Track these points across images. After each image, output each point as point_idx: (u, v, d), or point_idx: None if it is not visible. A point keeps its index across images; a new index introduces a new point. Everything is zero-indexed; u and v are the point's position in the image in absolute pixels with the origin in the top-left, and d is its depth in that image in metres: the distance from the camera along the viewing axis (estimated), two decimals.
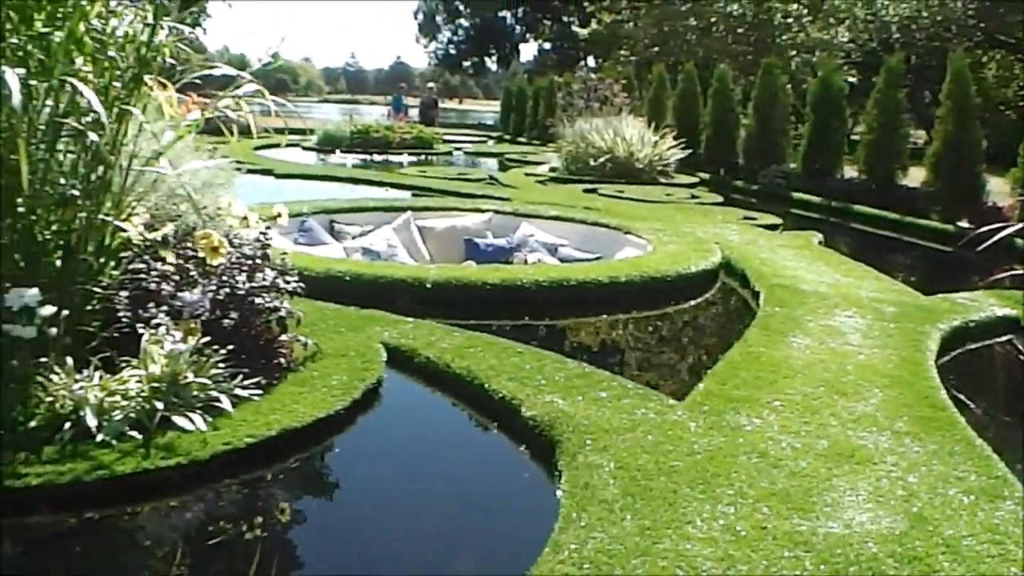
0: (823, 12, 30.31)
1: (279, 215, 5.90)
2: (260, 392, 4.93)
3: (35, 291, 4.39)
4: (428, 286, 7.54)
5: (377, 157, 22.99)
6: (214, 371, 4.83)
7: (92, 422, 4.34)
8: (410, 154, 23.72)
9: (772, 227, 12.59)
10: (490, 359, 5.67)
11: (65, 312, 4.60)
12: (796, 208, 16.28)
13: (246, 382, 4.91)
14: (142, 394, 4.57)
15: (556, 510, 4.01)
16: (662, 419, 4.86)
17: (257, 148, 18.45)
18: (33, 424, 4.33)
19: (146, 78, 5.10)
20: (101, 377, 4.64)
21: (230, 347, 4.95)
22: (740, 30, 31.36)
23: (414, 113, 32.33)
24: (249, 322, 5.26)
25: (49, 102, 4.75)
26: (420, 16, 77.24)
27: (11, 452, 4.17)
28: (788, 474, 4.28)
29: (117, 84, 4.98)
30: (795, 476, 4.26)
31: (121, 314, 5.03)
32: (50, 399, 4.41)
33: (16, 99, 3.89)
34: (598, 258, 9.89)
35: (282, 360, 5.31)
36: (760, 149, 19.24)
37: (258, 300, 5.28)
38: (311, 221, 10.03)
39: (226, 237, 5.47)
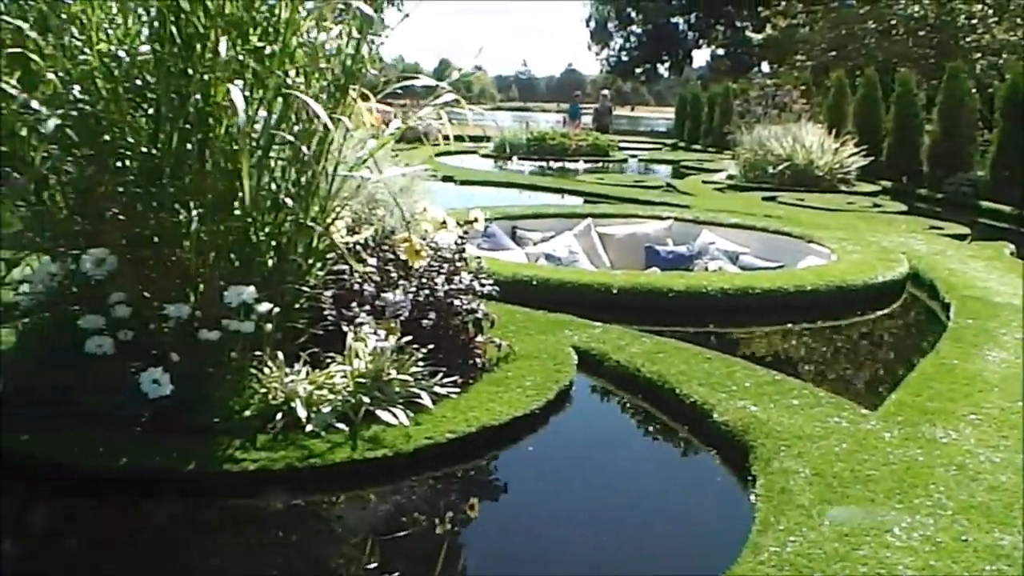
0: (1009, 12, 29.17)
1: (475, 220, 6.07)
2: (458, 390, 5.10)
3: (252, 289, 4.65)
4: (614, 291, 7.63)
5: (553, 164, 23.24)
6: (414, 369, 5.01)
7: (302, 413, 4.57)
8: (586, 161, 23.87)
9: (960, 237, 12.23)
10: (680, 364, 5.73)
11: (277, 309, 4.83)
12: (985, 217, 15.76)
13: (444, 380, 5.08)
14: (347, 389, 4.78)
15: (749, 513, 4.06)
16: (856, 428, 4.83)
17: (437, 155, 18.84)
18: (248, 413, 4.59)
19: (351, 89, 5.32)
20: (309, 372, 4.87)
21: (429, 346, 5.12)
22: (921, 33, 30.47)
23: (585, 120, 32.46)
24: (447, 323, 5.44)
25: (262, 112, 5.01)
26: (592, 23, 77.44)
27: (228, 439, 4.44)
28: (988, 488, 4.21)
29: (323, 95, 5.20)
30: (995, 490, 4.19)
31: (326, 312, 5.26)
32: (264, 391, 4.66)
33: (241, 117, 4.13)
34: (780, 267, 9.82)
35: (477, 360, 5.48)
36: (945, 156, 18.71)
37: (456, 302, 5.46)
38: (494, 227, 10.23)
39: (423, 240, 5.67)
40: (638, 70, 77.32)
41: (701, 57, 75.52)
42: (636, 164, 26.07)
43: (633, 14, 72.79)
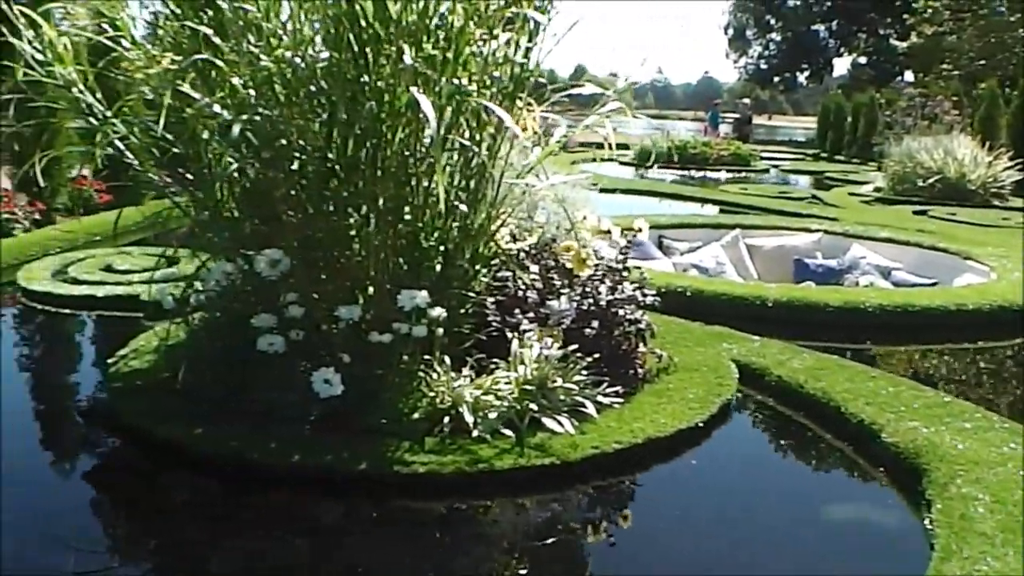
0: None
1: (639, 230, 6.04)
2: (621, 400, 5.07)
3: (424, 294, 4.69)
4: (768, 304, 7.52)
5: (695, 173, 23.06)
6: (577, 377, 5.00)
7: (469, 419, 4.60)
8: (728, 171, 23.62)
9: None
10: (844, 382, 5.60)
11: (444, 314, 4.87)
12: None
13: (607, 390, 5.06)
14: (512, 395, 4.79)
15: (923, 538, 3.95)
16: None
17: (573, 163, 18.81)
18: (416, 416, 4.63)
19: (519, 97, 5.33)
20: (474, 377, 4.90)
21: (594, 355, 5.11)
22: None
23: (723, 129, 32.09)
24: (609, 332, 5.41)
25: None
26: (730, 31, 76.58)
27: (396, 440, 4.49)
28: None
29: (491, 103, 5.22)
30: None
31: (490, 319, 5.28)
32: (432, 395, 4.70)
33: (433, 126, 4.16)
34: (935, 284, 9.55)
35: (638, 371, 5.44)
36: None
37: (620, 312, 5.43)
38: (641, 235, 10.15)
39: (584, 248, 5.66)
40: (776, 78, 76.20)
41: (842, 65, 74.12)
42: (777, 174, 25.66)
43: (772, 21, 71.80)
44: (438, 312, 4.77)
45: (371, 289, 5.05)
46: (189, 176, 5.49)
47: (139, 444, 4.91)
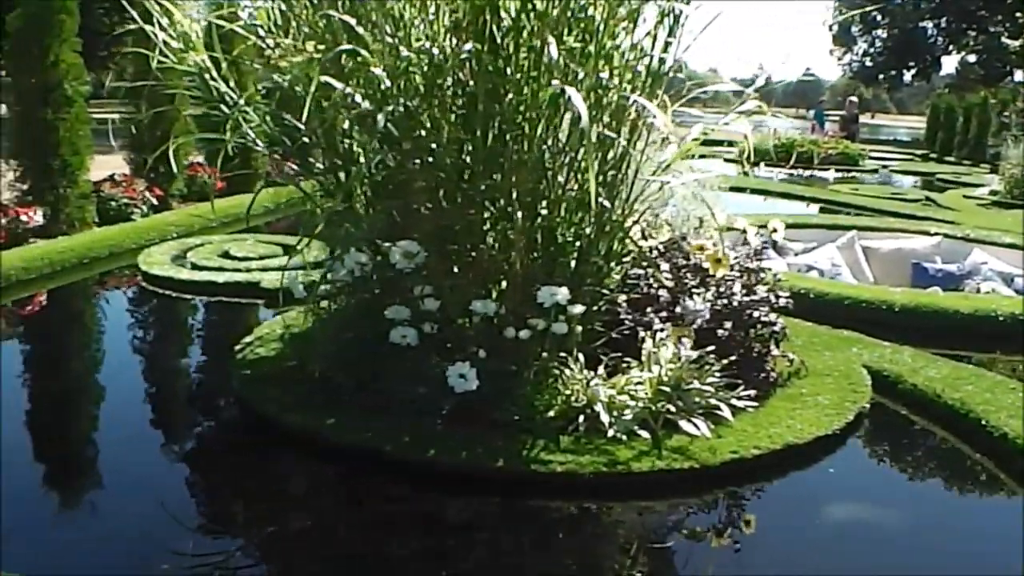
0: None
1: (775, 230, 5.91)
2: (755, 404, 4.96)
3: (565, 290, 4.63)
4: (895, 310, 7.33)
5: (802, 172, 22.63)
6: (711, 379, 4.90)
7: (605, 418, 4.52)
8: (837, 170, 23.13)
9: None
10: (983, 392, 5.40)
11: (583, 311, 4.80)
12: None
13: (741, 393, 4.95)
14: (647, 396, 4.70)
15: None
16: None
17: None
18: (551, 414, 4.56)
19: (657, 92, 5.23)
20: (608, 375, 4.82)
21: (731, 357, 5.01)
22: None
23: (828, 127, 31.46)
24: (745, 334, 5.30)
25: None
26: (835, 27, 75.15)
27: (531, 438, 4.43)
28: None
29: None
30: None
31: (623, 316, 5.20)
32: (567, 393, 4.63)
33: (585, 120, 4.08)
34: None
35: (771, 374, 5.32)
36: None
37: (755, 313, 5.32)
38: (777, 236, 9.97)
39: (715, 246, 5.55)
40: (881, 76, 74.65)
41: (949, 64, 72.41)
42: (886, 174, 25.04)
43: (879, 17, 70.35)
44: (579, 309, 4.70)
45: (503, 283, 4.99)
46: (319, 165, 5.49)
47: (268, 432, 4.92)
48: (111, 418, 5.36)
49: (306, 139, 5.37)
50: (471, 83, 4.81)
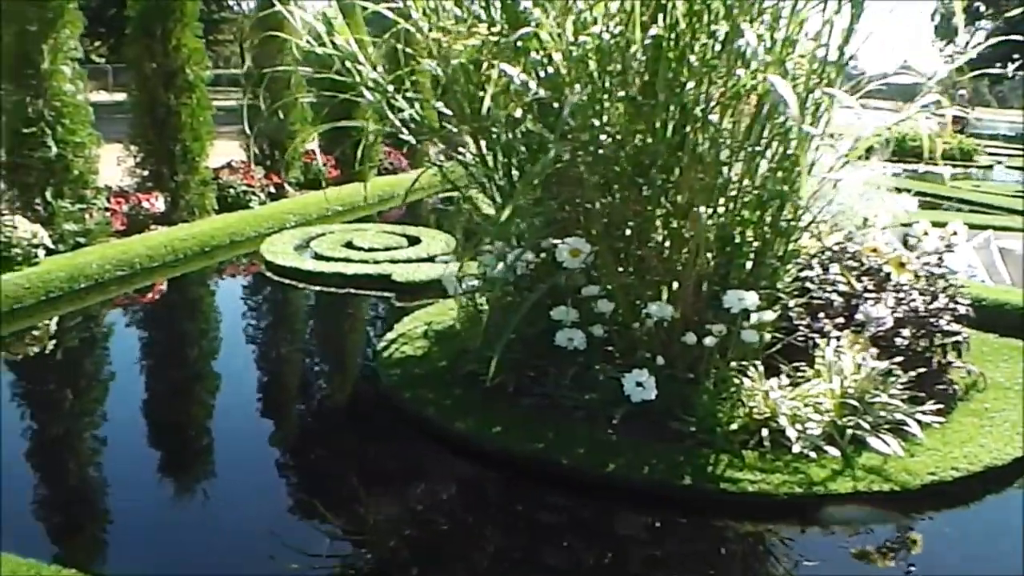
0: None
1: (954, 232, 5.54)
2: (940, 420, 4.62)
3: (754, 296, 4.33)
4: None
5: (918, 168, 21.91)
6: (893, 391, 4.57)
7: (792, 433, 4.22)
8: (953, 166, 22.37)
9: None
10: None
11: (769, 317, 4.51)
12: None
13: (926, 407, 4.61)
14: (831, 408, 4.39)
15: None
16: None
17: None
18: (733, 427, 4.27)
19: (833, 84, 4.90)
20: (786, 385, 4.52)
21: (917, 369, 4.68)
22: None
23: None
24: (924, 343, 4.96)
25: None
26: (936, 18, 73.47)
27: (714, 453, 4.15)
28: None
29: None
30: None
31: (796, 322, 4.89)
32: (751, 404, 4.33)
33: (793, 110, 3.78)
34: None
35: (951, 387, 4.97)
36: None
37: (941, 321, 4.97)
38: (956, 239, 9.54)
39: (894, 251, 5.22)
40: (984, 69, 72.64)
41: None
42: (1003, 170, 24.15)
43: (982, 8, 68.62)
44: (769, 316, 4.41)
45: (675, 285, 4.70)
46: (469, 155, 5.27)
47: (423, 435, 4.69)
48: (241, 410, 5.25)
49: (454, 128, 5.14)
50: (645, 72, 4.52)
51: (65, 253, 7.80)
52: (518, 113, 4.64)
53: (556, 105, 4.35)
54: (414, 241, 8.89)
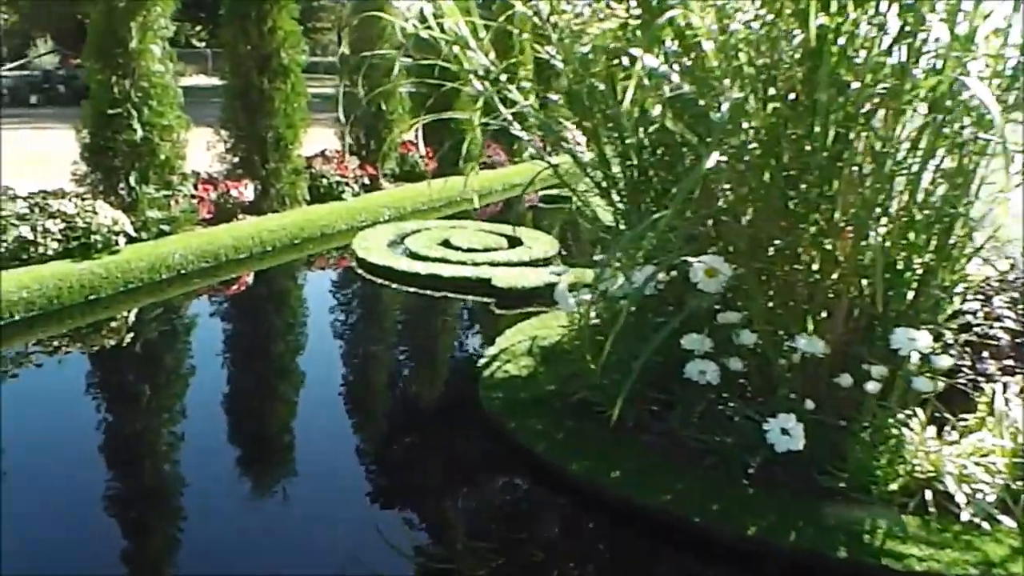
0: None
1: None
2: None
3: (927, 335, 3.70)
4: None
5: None
6: None
7: (960, 497, 3.58)
8: None
9: None
10: None
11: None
12: None
13: None
14: (1003, 468, 3.74)
15: None
16: None
17: None
18: (892, 487, 3.65)
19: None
20: (951, 439, 3.88)
21: None
22: None
23: None
24: None
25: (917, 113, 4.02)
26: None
27: (871, 518, 3.52)
28: None
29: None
30: None
31: (959, 362, 4.24)
32: (914, 460, 3.70)
33: (996, 116, 3.15)
34: None
35: None
36: None
37: None
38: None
39: None
40: None
41: None
42: None
43: None
44: (946, 362, 3.78)
45: (824, 314, 4.09)
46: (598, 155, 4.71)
47: (536, 472, 4.14)
48: (325, 416, 4.93)
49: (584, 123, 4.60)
50: (799, 68, 3.90)
51: (148, 241, 7.39)
52: (655, 110, 4.02)
53: (702, 103, 3.75)
54: (515, 242, 8.35)
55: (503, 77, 4.91)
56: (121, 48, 7.54)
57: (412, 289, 7.18)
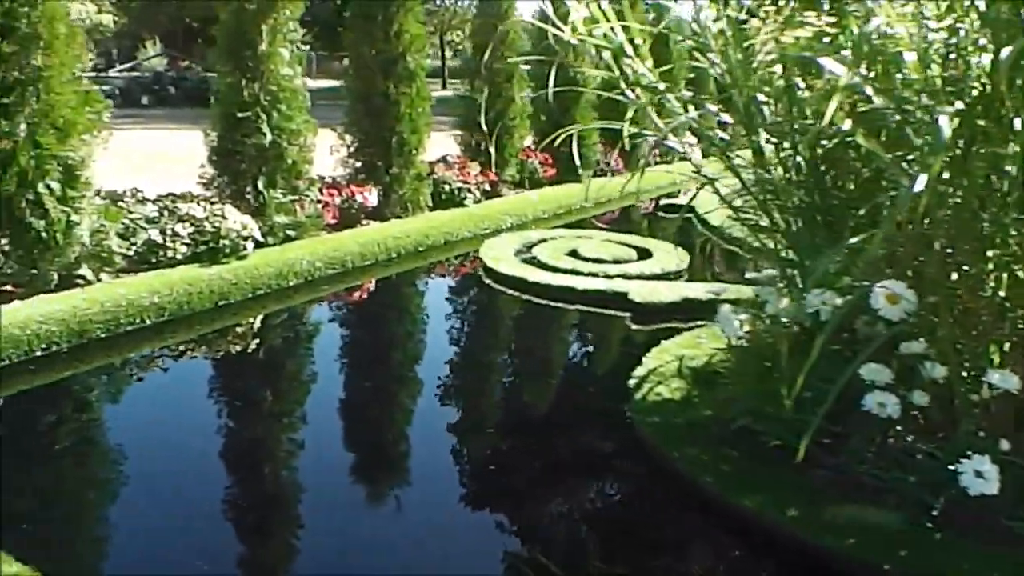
0: None
1: None
2: None
3: None
4: None
5: None
6: None
7: None
8: None
9: None
10: None
11: None
12: None
13: None
14: None
15: None
16: None
17: None
18: None
19: None
20: None
21: None
22: None
23: None
24: None
25: None
26: None
27: None
28: None
29: None
30: None
31: None
32: None
33: None
34: None
35: None
36: None
37: None
38: None
39: None
40: None
41: None
42: None
43: None
44: None
45: (1007, 346, 3.79)
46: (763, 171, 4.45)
47: (699, 504, 3.90)
48: (471, 430, 4.83)
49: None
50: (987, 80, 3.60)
51: (274, 247, 7.30)
52: (845, 124, 3.73)
53: (898, 118, 3.47)
54: (644, 254, 8.11)
55: (661, 86, 4.68)
56: (250, 51, 7.47)
57: (543, 301, 6.97)
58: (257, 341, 6.19)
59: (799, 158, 4.19)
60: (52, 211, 5.87)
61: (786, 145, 4.24)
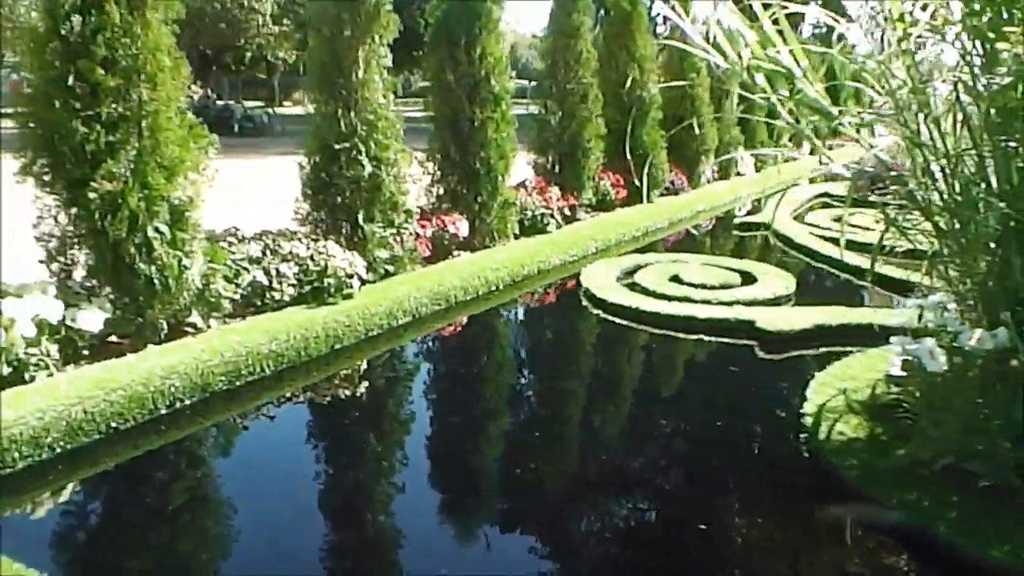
0: None
1: None
2: None
3: None
4: None
5: None
6: None
7: None
8: None
9: None
10: None
11: None
12: None
13: None
14: None
15: None
16: None
17: None
18: None
19: None
20: None
21: None
22: None
23: None
24: None
25: None
26: None
27: None
28: None
29: None
30: None
31: None
32: None
33: None
34: None
35: None
36: None
37: None
38: None
39: None
40: None
41: None
42: None
43: None
44: None
45: None
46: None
47: (937, 557, 3.59)
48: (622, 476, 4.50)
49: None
50: None
51: (375, 284, 7.04)
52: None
53: None
54: (747, 278, 7.83)
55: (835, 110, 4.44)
56: (344, 79, 7.21)
57: (658, 330, 6.70)
58: (371, 383, 5.92)
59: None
60: (163, 256, 5.61)
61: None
